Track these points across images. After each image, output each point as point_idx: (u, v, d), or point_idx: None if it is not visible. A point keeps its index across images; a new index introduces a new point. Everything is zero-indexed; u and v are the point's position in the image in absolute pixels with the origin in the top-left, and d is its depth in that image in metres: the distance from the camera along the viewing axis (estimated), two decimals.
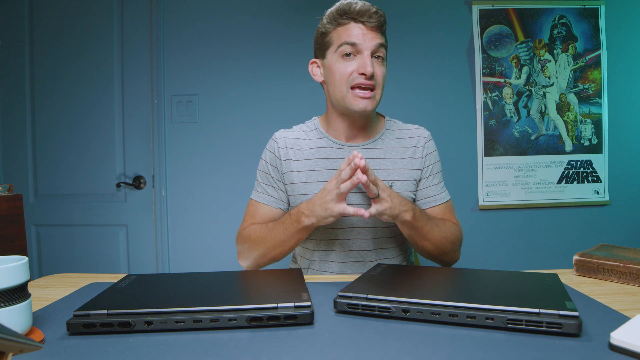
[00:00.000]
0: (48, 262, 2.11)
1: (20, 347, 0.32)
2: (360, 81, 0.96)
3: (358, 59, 0.96)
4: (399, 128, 1.11)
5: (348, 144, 1.06)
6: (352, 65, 0.96)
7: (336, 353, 0.53)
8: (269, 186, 1.08)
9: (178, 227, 2.07)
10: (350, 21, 0.96)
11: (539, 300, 0.61)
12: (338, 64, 0.98)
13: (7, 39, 2.09)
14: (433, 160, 1.09)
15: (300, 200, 1.04)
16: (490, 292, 0.70)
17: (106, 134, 2.08)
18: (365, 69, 0.94)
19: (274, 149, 1.08)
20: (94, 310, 0.59)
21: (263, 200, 1.08)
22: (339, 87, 0.98)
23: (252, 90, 2.07)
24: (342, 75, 0.97)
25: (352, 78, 0.96)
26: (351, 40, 0.95)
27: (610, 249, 0.93)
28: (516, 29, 2.08)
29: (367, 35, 0.95)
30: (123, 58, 2.07)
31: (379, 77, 0.97)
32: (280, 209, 1.08)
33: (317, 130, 1.09)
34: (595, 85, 2.10)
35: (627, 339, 0.50)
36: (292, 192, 1.06)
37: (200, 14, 2.07)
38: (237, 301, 0.63)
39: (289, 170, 1.06)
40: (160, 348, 0.54)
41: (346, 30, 0.96)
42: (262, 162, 1.10)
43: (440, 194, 1.08)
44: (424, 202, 1.07)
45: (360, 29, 0.95)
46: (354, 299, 0.65)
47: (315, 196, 0.90)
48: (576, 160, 2.11)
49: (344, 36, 0.96)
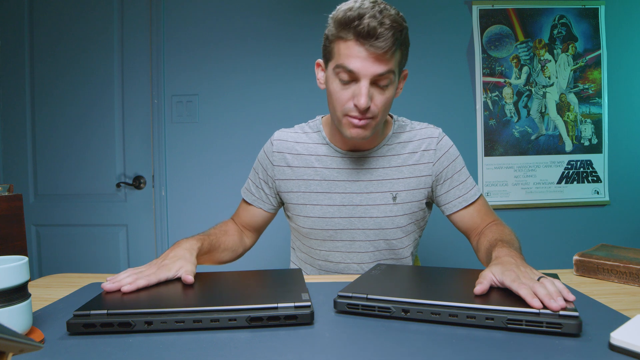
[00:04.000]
0: (48, 262, 2.11)
1: (20, 347, 0.32)
2: (354, 114, 0.86)
3: (354, 87, 0.84)
4: (407, 130, 1.02)
5: (350, 153, 1.00)
6: (347, 93, 0.85)
7: (336, 353, 0.53)
8: (253, 184, 1.08)
9: (178, 227, 2.07)
10: (352, 38, 0.81)
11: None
12: (334, 84, 0.86)
13: (7, 39, 2.09)
14: (450, 160, 1.00)
15: (299, 210, 1.02)
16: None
17: (106, 134, 2.08)
18: (359, 101, 0.82)
19: (269, 151, 1.05)
20: (94, 310, 0.59)
21: (246, 197, 1.10)
22: (334, 111, 0.90)
23: (252, 90, 2.07)
24: (337, 100, 0.87)
25: (346, 107, 0.86)
26: (348, 67, 0.82)
27: (610, 249, 0.93)
28: (516, 29, 2.08)
29: (367, 62, 0.81)
30: (123, 58, 2.07)
31: (378, 106, 0.86)
32: (261, 209, 1.08)
33: (319, 134, 1.03)
34: (595, 85, 2.10)
35: (627, 339, 0.50)
36: (290, 200, 1.04)
37: (200, 14, 2.07)
38: (237, 301, 0.63)
39: (283, 177, 1.03)
40: (160, 348, 0.54)
41: (347, 49, 0.82)
42: (256, 160, 1.10)
43: (469, 191, 0.99)
44: (454, 205, 1.00)
45: (361, 54, 0.80)
46: (354, 299, 0.65)
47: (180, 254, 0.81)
48: (576, 160, 2.11)
49: (343, 56, 0.82)
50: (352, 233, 1.01)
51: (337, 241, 1.03)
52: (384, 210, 0.99)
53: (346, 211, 1.00)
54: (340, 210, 1.00)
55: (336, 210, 1.00)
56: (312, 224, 1.02)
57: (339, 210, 1.00)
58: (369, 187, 0.99)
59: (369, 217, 1.00)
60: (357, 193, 0.99)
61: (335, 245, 1.03)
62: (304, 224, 1.03)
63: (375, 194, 0.99)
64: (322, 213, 1.01)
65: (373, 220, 1.00)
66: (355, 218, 1.00)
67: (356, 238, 1.01)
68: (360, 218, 1.00)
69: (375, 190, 0.99)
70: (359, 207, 1.00)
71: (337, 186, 1.00)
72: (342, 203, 1.00)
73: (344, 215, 1.00)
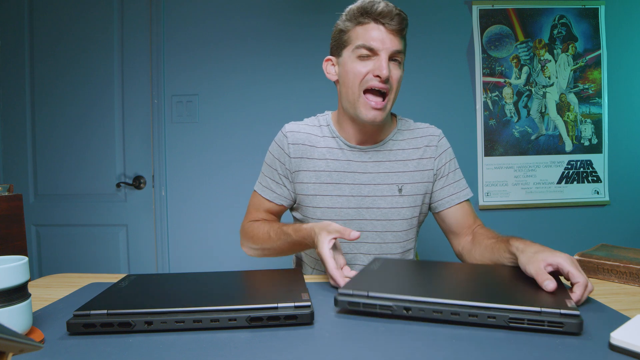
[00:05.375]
0: (48, 262, 2.11)
1: (20, 347, 0.32)
2: (374, 84, 0.93)
3: (374, 60, 0.93)
4: (410, 128, 1.09)
5: (358, 147, 1.04)
6: (368, 66, 0.93)
7: (336, 353, 0.53)
8: (273, 181, 1.07)
9: (178, 227, 2.07)
10: (370, 21, 0.93)
11: (540, 298, 0.61)
12: (353, 63, 0.95)
13: (7, 39, 2.09)
14: (448, 158, 1.07)
15: (309, 200, 1.04)
16: (492, 289, 0.70)
17: (106, 134, 2.07)
18: (381, 71, 0.91)
19: (283, 144, 1.06)
20: (94, 310, 0.59)
21: (266, 196, 1.08)
22: (352, 88, 0.95)
23: (252, 90, 2.07)
24: (356, 75, 0.94)
25: (366, 79, 0.93)
26: (369, 44, 0.92)
27: (610, 249, 0.93)
28: (516, 29, 2.08)
29: (386, 38, 0.92)
30: (123, 58, 2.07)
31: (394, 81, 0.94)
32: (282, 205, 1.08)
33: (329, 128, 1.07)
34: (595, 85, 2.10)
35: (627, 339, 0.50)
36: (301, 191, 1.05)
37: (200, 14, 2.07)
38: (237, 301, 0.63)
39: (299, 169, 1.05)
40: (160, 348, 0.54)
41: (366, 30, 0.93)
42: (269, 155, 1.09)
43: (462, 190, 1.06)
44: (446, 201, 1.05)
45: (380, 30, 0.92)
46: (355, 296, 0.64)
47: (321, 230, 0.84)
48: (576, 160, 2.11)
49: (363, 37, 0.93)
50: (360, 224, 1.04)
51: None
52: (390, 201, 1.03)
53: (355, 202, 1.03)
54: (349, 201, 1.03)
55: (345, 201, 1.03)
56: (321, 214, 1.04)
57: (348, 200, 1.03)
58: (376, 178, 1.03)
59: (376, 208, 1.03)
60: (365, 184, 1.03)
61: None
62: (314, 215, 1.05)
63: (382, 186, 1.03)
64: (332, 204, 1.03)
65: (380, 211, 1.03)
66: (363, 209, 1.03)
67: (364, 228, 1.04)
68: (368, 209, 1.03)
69: (383, 182, 1.03)
70: (367, 198, 1.03)
71: (347, 177, 1.03)
72: (350, 194, 1.03)
73: (353, 205, 1.03)
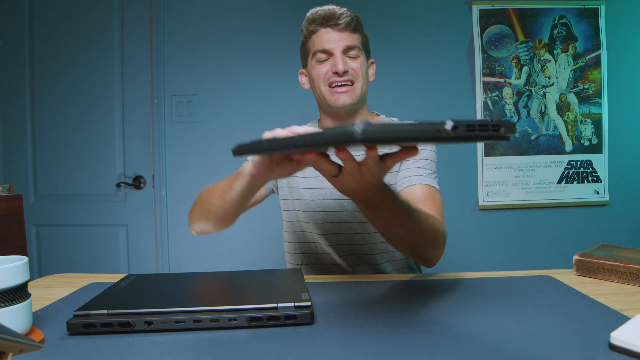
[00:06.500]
0: (48, 262, 2.11)
1: (20, 347, 0.32)
2: (335, 79, 1.00)
3: (330, 61, 1.01)
4: None
5: None
6: (327, 65, 1.01)
7: (336, 353, 0.53)
8: None
9: (178, 227, 2.07)
10: (319, 27, 1.01)
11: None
12: (315, 68, 1.03)
13: (7, 39, 2.09)
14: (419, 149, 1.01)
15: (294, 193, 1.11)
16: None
17: (106, 134, 2.08)
18: (337, 67, 0.98)
19: None
20: (94, 310, 0.59)
21: None
22: (319, 88, 1.03)
23: (252, 90, 2.07)
24: (319, 76, 1.02)
25: (327, 77, 1.01)
26: (322, 47, 1.00)
27: (610, 249, 0.93)
28: (516, 29, 2.08)
29: (336, 37, 0.99)
30: (123, 58, 2.07)
31: (355, 70, 1.00)
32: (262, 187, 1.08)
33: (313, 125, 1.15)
34: (595, 85, 2.10)
35: (627, 339, 0.50)
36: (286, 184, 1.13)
37: (200, 14, 2.07)
38: (237, 301, 0.63)
39: None
40: (160, 348, 0.54)
41: (318, 37, 1.01)
42: None
43: (418, 175, 0.98)
44: (399, 184, 1.00)
45: (329, 32, 1.00)
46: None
47: None
48: (576, 160, 2.11)
49: (317, 43, 1.01)
50: (341, 215, 1.07)
51: (327, 223, 1.07)
52: None
53: (336, 193, 1.05)
54: (331, 193, 1.07)
55: (327, 193, 1.07)
56: (305, 206, 1.09)
57: (330, 192, 1.07)
58: None
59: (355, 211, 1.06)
60: None
61: (326, 227, 1.08)
62: (298, 207, 1.10)
63: None
64: (315, 195, 1.08)
65: None
66: (344, 200, 1.06)
67: (344, 220, 1.06)
68: (348, 200, 1.05)
69: None
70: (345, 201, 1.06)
71: None
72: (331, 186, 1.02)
73: (335, 197, 1.07)
